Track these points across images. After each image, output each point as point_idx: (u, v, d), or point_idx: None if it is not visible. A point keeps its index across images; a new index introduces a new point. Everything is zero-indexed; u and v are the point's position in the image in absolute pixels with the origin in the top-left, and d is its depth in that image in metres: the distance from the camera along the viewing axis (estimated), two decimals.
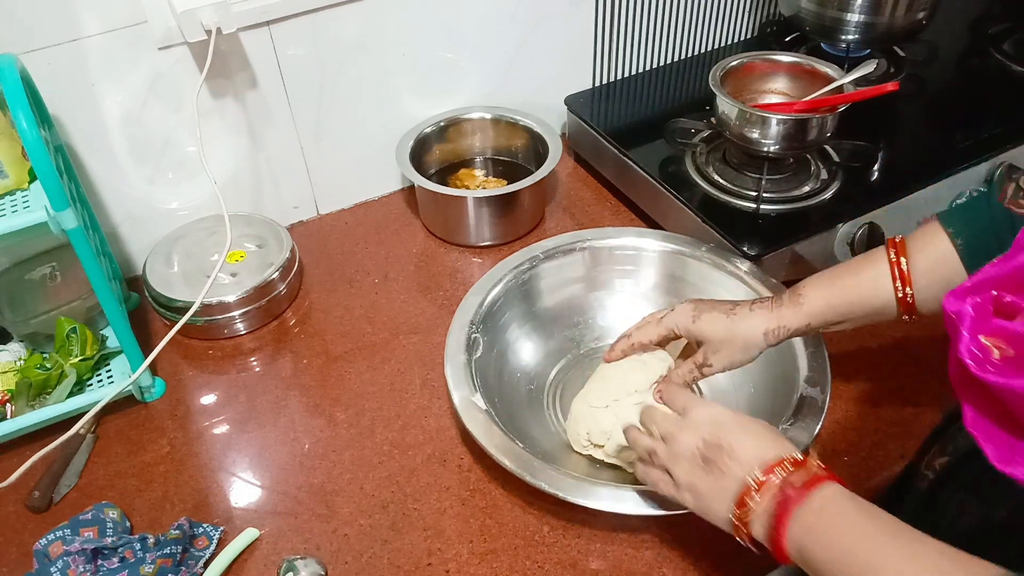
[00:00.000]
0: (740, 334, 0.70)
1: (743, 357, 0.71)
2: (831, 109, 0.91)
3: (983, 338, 0.49)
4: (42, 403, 0.80)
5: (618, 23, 1.14)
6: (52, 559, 0.67)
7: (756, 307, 0.71)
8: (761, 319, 0.69)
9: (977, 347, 0.48)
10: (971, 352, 0.48)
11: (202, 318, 0.88)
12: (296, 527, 0.72)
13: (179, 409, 0.84)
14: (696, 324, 0.72)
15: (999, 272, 0.50)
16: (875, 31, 1.09)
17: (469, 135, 1.12)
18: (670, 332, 0.74)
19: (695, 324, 0.72)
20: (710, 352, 0.71)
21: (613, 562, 0.68)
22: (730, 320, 0.70)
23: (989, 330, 0.49)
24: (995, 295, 0.50)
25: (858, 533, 0.49)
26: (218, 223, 0.96)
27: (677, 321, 0.73)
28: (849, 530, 0.50)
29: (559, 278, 0.90)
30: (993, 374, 0.47)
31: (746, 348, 0.70)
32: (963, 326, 0.49)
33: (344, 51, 0.96)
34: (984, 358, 0.48)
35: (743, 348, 0.70)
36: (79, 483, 0.76)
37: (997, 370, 0.47)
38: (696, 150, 1.01)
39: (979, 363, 0.48)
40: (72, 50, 0.81)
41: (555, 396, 0.84)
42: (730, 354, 0.71)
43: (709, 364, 0.72)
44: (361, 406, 0.83)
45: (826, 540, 0.50)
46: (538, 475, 0.67)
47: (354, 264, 1.00)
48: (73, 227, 0.69)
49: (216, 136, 0.94)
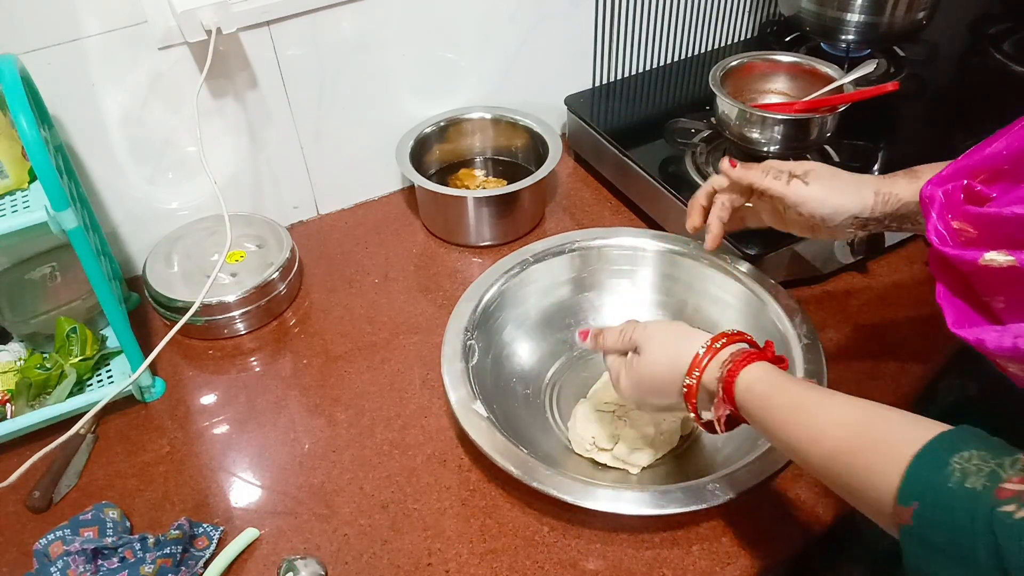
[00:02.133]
0: (852, 180, 0.69)
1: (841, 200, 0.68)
2: (831, 109, 0.91)
3: (955, 223, 0.54)
4: (42, 403, 0.80)
5: (618, 23, 1.14)
6: (52, 559, 0.67)
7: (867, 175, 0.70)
8: (873, 180, 0.69)
9: (945, 228, 0.54)
10: (937, 231, 0.54)
11: (202, 318, 0.89)
12: (296, 527, 0.72)
13: (179, 409, 0.84)
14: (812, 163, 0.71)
15: (970, 162, 0.56)
16: (875, 31, 1.09)
17: (469, 135, 1.12)
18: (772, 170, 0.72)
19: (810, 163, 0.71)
20: (814, 176, 0.69)
21: (613, 562, 0.68)
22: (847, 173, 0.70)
23: (960, 215, 0.54)
24: (966, 184, 0.55)
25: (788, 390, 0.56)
26: (218, 223, 0.96)
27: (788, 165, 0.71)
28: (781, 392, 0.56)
29: (552, 280, 0.90)
30: (951, 248, 0.53)
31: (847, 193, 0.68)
32: (933, 209, 0.55)
33: (344, 51, 0.96)
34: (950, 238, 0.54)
35: (844, 191, 0.68)
36: (79, 483, 0.77)
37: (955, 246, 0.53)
38: (696, 150, 1.01)
39: (943, 240, 0.54)
40: (72, 50, 0.81)
41: (552, 398, 0.84)
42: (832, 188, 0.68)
43: (806, 181, 0.69)
44: (361, 406, 0.83)
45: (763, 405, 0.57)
46: (538, 477, 0.67)
47: (354, 264, 1.00)
48: (73, 227, 0.69)
49: (216, 136, 0.94)
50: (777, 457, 0.68)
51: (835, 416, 0.52)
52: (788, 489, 0.73)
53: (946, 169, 0.57)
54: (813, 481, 0.73)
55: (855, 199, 0.68)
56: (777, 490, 0.72)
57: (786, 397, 0.56)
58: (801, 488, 0.73)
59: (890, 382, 0.83)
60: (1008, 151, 0.53)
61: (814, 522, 0.71)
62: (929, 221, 0.55)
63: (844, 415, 0.52)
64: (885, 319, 0.89)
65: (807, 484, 0.73)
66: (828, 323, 0.88)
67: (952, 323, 0.53)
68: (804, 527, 0.70)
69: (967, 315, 0.53)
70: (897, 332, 0.87)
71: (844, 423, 0.51)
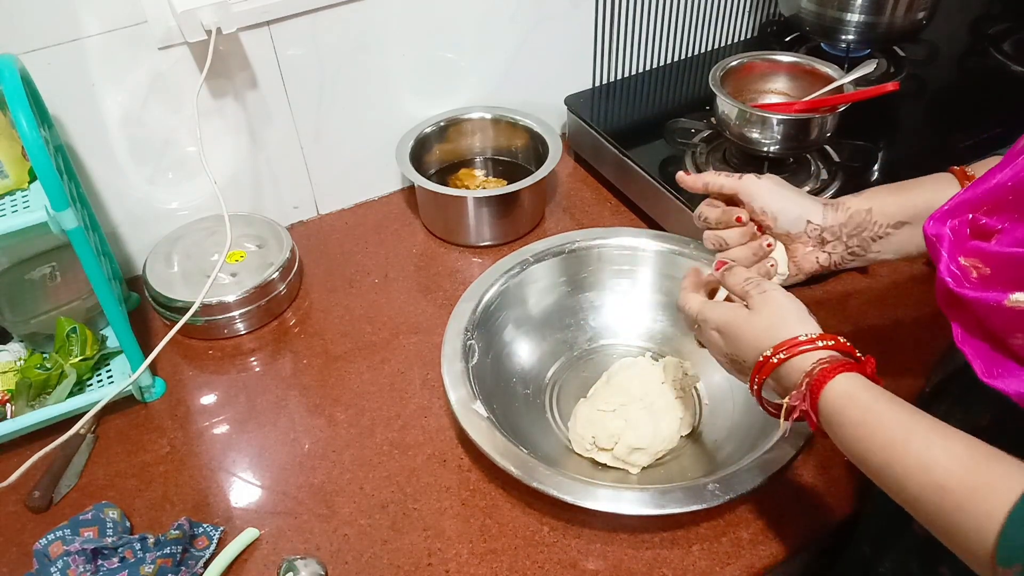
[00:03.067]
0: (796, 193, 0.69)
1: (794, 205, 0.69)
2: (831, 109, 0.91)
3: (962, 259, 0.51)
4: (42, 403, 0.80)
5: (618, 23, 1.14)
6: (52, 559, 0.67)
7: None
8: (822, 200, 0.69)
9: (956, 267, 0.51)
10: (951, 271, 0.51)
11: (202, 318, 0.88)
12: (296, 527, 0.72)
13: (179, 409, 0.84)
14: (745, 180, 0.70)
15: (974, 195, 0.53)
16: (875, 31, 1.09)
17: (469, 135, 1.12)
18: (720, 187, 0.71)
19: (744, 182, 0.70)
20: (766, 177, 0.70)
21: (613, 562, 0.68)
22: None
23: (966, 251, 0.51)
24: (971, 218, 0.53)
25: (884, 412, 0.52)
26: (218, 223, 0.96)
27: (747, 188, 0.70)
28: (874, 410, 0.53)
29: (551, 280, 0.90)
30: (970, 290, 0.50)
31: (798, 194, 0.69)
32: (943, 247, 0.53)
33: (344, 51, 0.96)
34: (963, 277, 0.51)
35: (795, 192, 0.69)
36: (79, 483, 0.77)
37: (973, 286, 0.50)
38: (696, 150, 1.01)
39: (958, 281, 0.51)
40: (72, 50, 0.81)
41: (552, 399, 0.84)
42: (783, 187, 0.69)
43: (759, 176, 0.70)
44: (361, 406, 0.83)
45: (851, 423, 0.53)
46: (538, 477, 0.67)
47: (354, 264, 1.00)
48: (73, 227, 0.69)
49: (216, 136, 0.94)
50: (777, 457, 0.68)
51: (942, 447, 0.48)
52: (788, 489, 0.73)
53: (949, 203, 0.55)
54: (813, 481, 0.73)
55: (805, 201, 0.69)
56: (777, 490, 0.72)
57: (892, 418, 0.51)
58: (801, 488, 0.73)
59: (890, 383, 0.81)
60: (1013, 182, 0.50)
61: (814, 522, 0.71)
62: (940, 261, 0.52)
63: (951, 448, 0.48)
64: (885, 319, 0.89)
65: (807, 484, 0.73)
66: (828, 323, 0.88)
67: (983, 374, 0.49)
68: (804, 527, 0.70)
69: (996, 362, 0.49)
70: (897, 332, 0.87)
71: (951, 456, 0.47)
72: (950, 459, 0.47)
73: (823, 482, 0.73)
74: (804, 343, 0.57)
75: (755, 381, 0.60)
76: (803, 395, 0.56)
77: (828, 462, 0.75)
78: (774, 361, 0.58)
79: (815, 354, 0.57)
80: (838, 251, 0.69)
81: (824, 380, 0.54)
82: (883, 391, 0.53)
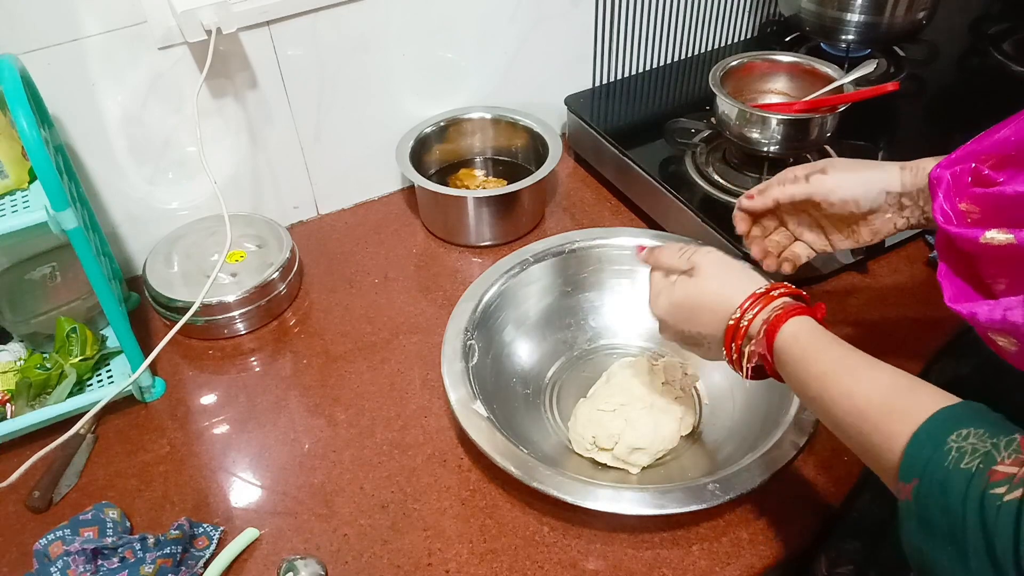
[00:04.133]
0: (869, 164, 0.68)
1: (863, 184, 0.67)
2: (831, 109, 0.91)
3: (962, 204, 0.55)
4: (42, 403, 0.80)
5: (618, 23, 1.14)
6: (52, 559, 0.67)
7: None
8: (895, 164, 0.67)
9: (951, 208, 0.55)
10: (943, 211, 0.55)
11: (202, 318, 0.88)
12: (296, 527, 0.72)
13: (179, 409, 0.84)
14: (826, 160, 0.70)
15: (979, 146, 0.56)
16: (875, 31, 1.10)
17: (469, 135, 1.12)
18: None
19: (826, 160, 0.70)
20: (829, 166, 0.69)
21: (613, 562, 0.68)
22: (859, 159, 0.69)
23: (967, 197, 0.55)
24: (974, 167, 0.56)
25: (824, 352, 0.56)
26: (218, 223, 0.96)
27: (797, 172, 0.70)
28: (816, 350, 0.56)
29: (551, 280, 0.90)
30: (955, 227, 0.54)
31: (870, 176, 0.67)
32: (940, 189, 0.57)
33: (344, 51, 0.96)
34: (956, 219, 0.55)
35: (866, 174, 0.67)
36: (79, 483, 0.77)
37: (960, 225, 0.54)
38: (696, 150, 1.01)
39: (947, 219, 0.55)
40: (72, 50, 0.81)
41: (552, 399, 0.84)
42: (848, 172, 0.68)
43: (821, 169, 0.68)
44: (361, 406, 0.83)
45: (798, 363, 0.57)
46: (538, 477, 0.67)
47: (354, 264, 1.00)
48: (73, 227, 0.69)
49: (216, 136, 0.94)
50: (777, 457, 0.68)
51: (867, 377, 0.52)
52: (788, 489, 0.73)
53: (955, 152, 0.58)
54: (814, 481, 0.73)
55: (881, 173, 0.67)
56: (777, 490, 0.72)
57: (827, 353, 0.55)
58: (802, 488, 0.73)
59: None
60: (1016, 137, 0.53)
61: (815, 522, 0.71)
62: (936, 201, 0.56)
63: (876, 378, 0.52)
64: (885, 319, 0.89)
65: (808, 484, 0.73)
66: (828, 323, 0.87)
67: (949, 298, 0.54)
68: (805, 527, 0.70)
69: (965, 292, 0.54)
70: (897, 332, 0.87)
71: (874, 385, 0.51)
72: (872, 387, 0.51)
73: (824, 482, 0.73)
74: (761, 296, 0.61)
75: (732, 349, 0.62)
76: (760, 341, 0.59)
77: (828, 462, 0.75)
78: (744, 324, 0.60)
79: (770, 305, 0.60)
80: (915, 215, 0.68)
81: (778, 324, 0.58)
82: (826, 332, 0.57)
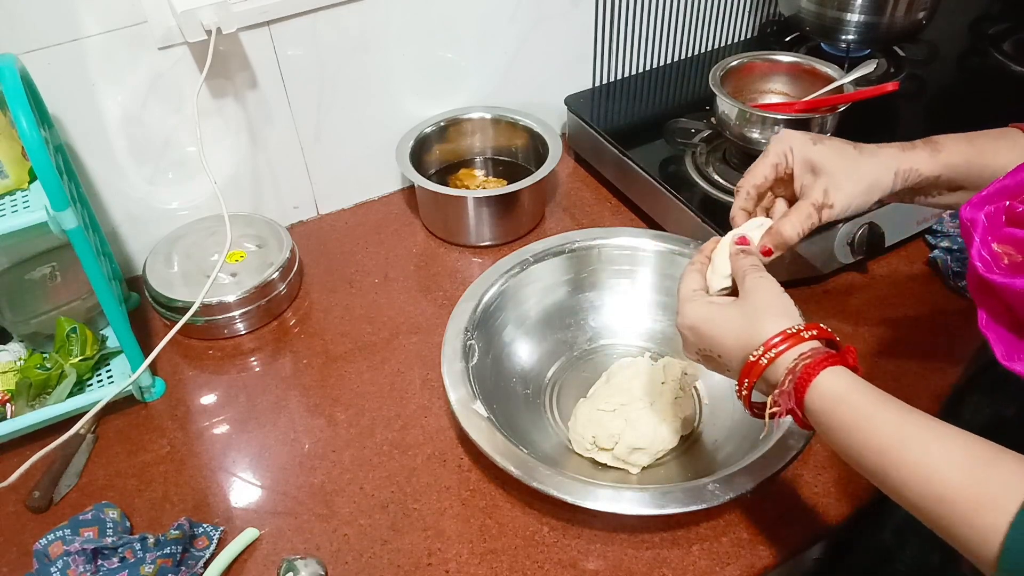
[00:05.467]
0: (869, 169, 0.63)
1: (865, 199, 0.63)
2: (831, 109, 0.91)
3: (995, 245, 0.51)
4: (42, 403, 0.80)
5: (618, 23, 1.14)
6: (52, 559, 0.67)
7: (883, 147, 0.64)
8: (891, 157, 0.63)
9: (988, 252, 0.51)
10: (981, 256, 0.51)
11: (202, 318, 0.88)
12: (296, 527, 0.72)
13: (179, 409, 0.84)
14: (816, 148, 0.64)
15: (1012, 182, 0.53)
16: (875, 31, 1.09)
17: (469, 135, 1.12)
18: (780, 159, 0.66)
19: (815, 148, 0.64)
20: (832, 187, 0.63)
21: (613, 562, 0.68)
22: (858, 151, 0.64)
23: (1000, 237, 0.51)
24: (1008, 205, 0.52)
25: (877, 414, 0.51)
26: (218, 223, 0.96)
27: (791, 143, 0.65)
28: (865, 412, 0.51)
29: (551, 280, 0.90)
30: (999, 275, 0.49)
31: (871, 188, 0.63)
32: (976, 232, 0.52)
33: (344, 51, 0.96)
34: (993, 263, 0.51)
35: (868, 187, 0.63)
36: (79, 483, 0.77)
37: (1003, 272, 0.50)
38: (696, 150, 1.01)
39: (987, 266, 0.51)
40: (72, 50, 0.81)
41: (552, 399, 0.84)
42: (854, 192, 0.63)
43: (830, 204, 0.63)
44: (361, 406, 0.83)
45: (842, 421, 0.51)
46: (538, 477, 0.67)
47: (354, 264, 1.00)
48: (73, 227, 0.69)
49: (216, 136, 0.94)
50: (778, 457, 0.68)
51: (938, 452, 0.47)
52: (789, 488, 0.73)
53: (987, 189, 0.54)
54: (814, 481, 0.73)
55: (877, 189, 0.64)
56: (777, 490, 0.72)
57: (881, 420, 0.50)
58: (802, 487, 0.73)
59: (890, 382, 0.82)
60: None
61: (815, 522, 0.71)
62: (972, 246, 0.52)
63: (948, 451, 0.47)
64: (885, 319, 0.89)
65: (808, 484, 0.73)
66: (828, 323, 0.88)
67: (1003, 356, 0.50)
68: (805, 527, 0.70)
69: (1017, 347, 0.50)
70: (897, 332, 0.87)
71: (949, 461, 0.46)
72: (949, 467, 0.46)
73: (824, 481, 0.73)
74: (790, 337, 0.55)
75: (743, 385, 0.57)
76: (787, 393, 0.54)
77: (829, 461, 0.75)
78: (763, 362, 0.55)
79: (797, 348, 0.55)
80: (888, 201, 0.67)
81: (808, 378, 0.53)
82: (870, 388, 0.52)
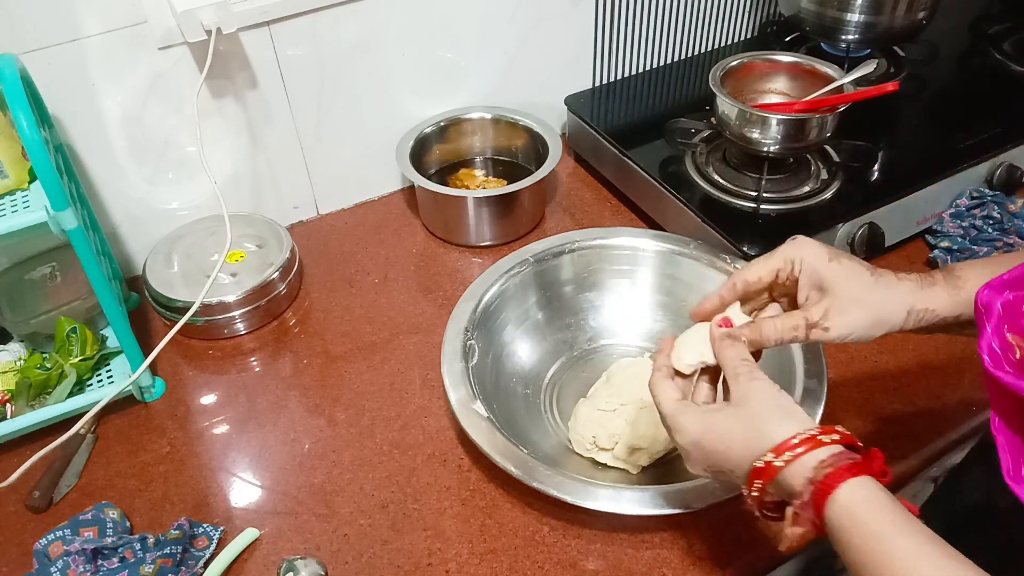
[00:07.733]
0: (880, 301, 0.57)
1: (867, 332, 0.57)
2: (831, 109, 0.91)
3: (1009, 336, 0.47)
4: (42, 403, 0.80)
5: (618, 23, 1.14)
6: (52, 559, 0.67)
7: (903, 278, 0.58)
8: (908, 293, 0.57)
9: (999, 344, 0.47)
10: (991, 348, 0.47)
11: (202, 318, 0.88)
12: (296, 527, 0.72)
13: (179, 409, 0.84)
14: (830, 266, 0.58)
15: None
16: (875, 31, 1.09)
17: (469, 135, 1.12)
18: (785, 266, 0.60)
19: (829, 265, 0.58)
20: (834, 310, 0.57)
21: (613, 562, 0.68)
22: (874, 279, 0.57)
23: (1016, 328, 0.47)
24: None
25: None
26: (218, 223, 0.96)
27: (803, 255, 0.58)
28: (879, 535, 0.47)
29: (552, 280, 0.90)
30: (1006, 373, 0.45)
31: (877, 322, 0.57)
32: (989, 321, 0.48)
33: (344, 51, 0.96)
34: (1003, 356, 0.47)
35: (874, 321, 0.57)
36: (79, 483, 0.76)
37: (1013, 369, 0.46)
38: (696, 150, 1.01)
39: (996, 360, 0.47)
40: (72, 50, 0.81)
41: (552, 399, 0.84)
42: (857, 321, 0.57)
43: (825, 327, 0.57)
44: (361, 406, 0.83)
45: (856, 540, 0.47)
46: (538, 477, 0.67)
47: (354, 264, 1.00)
48: (73, 227, 0.69)
49: (216, 136, 0.94)
50: None
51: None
52: None
53: (1010, 272, 0.49)
54: None
55: (884, 325, 0.58)
56: None
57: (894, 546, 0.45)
58: None
59: (890, 382, 0.83)
60: None
61: None
62: (983, 335, 0.48)
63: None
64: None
65: None
66: None
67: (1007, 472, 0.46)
68: None
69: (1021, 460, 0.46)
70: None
71: None
72: None
73: None
74: (807, 441, 0.50)
75: (753, 487, 0.52)
76: (808, 505, 0.49)
77: None
78: (778, 464, 0.50)
79: (816, 454, 0.50)
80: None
81: (829, 489, 0.48)
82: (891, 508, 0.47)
